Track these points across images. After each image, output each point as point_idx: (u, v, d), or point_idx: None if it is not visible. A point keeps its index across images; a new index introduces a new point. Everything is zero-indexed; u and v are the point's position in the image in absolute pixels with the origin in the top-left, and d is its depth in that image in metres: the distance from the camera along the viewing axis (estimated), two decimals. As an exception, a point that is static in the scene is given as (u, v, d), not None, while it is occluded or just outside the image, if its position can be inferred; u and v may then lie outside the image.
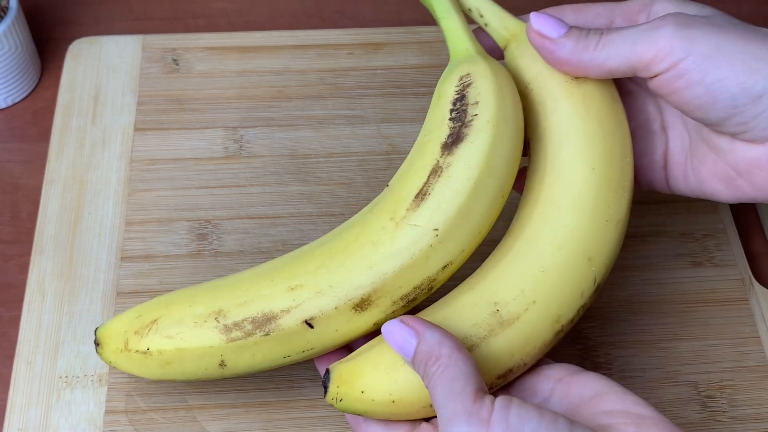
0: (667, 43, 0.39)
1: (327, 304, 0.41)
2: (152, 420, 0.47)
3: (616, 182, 0.42)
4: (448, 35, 0.46)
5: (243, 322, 0.42)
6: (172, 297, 0.44)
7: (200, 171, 0.56)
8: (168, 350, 0.42)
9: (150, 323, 0.43)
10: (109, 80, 0.60)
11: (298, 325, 0.41)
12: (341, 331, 0.42)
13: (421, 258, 0.41)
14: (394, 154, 0.58)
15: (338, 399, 0.40)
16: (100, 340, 0.45)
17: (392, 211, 0.42)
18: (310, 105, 0.60)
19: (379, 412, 0.40)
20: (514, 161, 0.43)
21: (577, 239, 0.41)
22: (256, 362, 0.42)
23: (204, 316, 0.42)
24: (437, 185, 0.41)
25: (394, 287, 0.41)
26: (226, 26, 0.66)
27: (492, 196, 0.42)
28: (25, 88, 0.61)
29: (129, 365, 0.44)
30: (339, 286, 0.41)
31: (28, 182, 0.57)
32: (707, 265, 0.54)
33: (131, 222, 0.54)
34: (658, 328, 0.51)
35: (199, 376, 0.44)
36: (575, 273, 0.41)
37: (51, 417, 0.47)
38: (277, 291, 0.42)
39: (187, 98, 0.60)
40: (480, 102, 0.42)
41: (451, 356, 0.36)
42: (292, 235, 0.54)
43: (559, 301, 0.40)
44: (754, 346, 0.51)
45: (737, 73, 0.39)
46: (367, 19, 0.66)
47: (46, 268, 0.52)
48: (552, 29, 0.41)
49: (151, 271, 0.52)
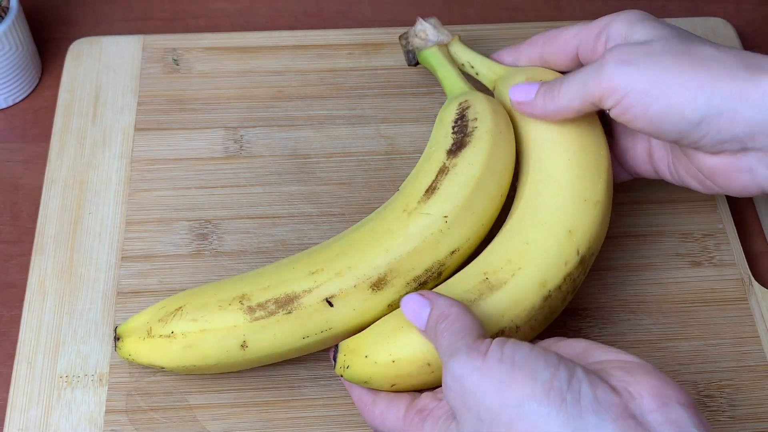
0: (609, 83, 0.43)
1: (346, 283, 0.45)
2: (152, 419, 0.47)
3: (591, 169, 0.47)
4: (446, 82, 0.54)
5: (266, 303, 0.45)
6: (196, 289, 0.47)
7: (200, 171, 0.56)
8: (192, 332, 0.45)
9: (175, 311, 0.45)
10: (110, 80, 0.60)
11: (319, 303, 0.45)
12: (358, 310, 0.45)
13: (432, 241, 0.46)
14: (394, 154, 0.58)
15: (345, 366, 0.44)
16: (120, 335, 0.47)
17: (405, 205, 0.47)
18: (310, 105, 0.60)
19: (382, 374, 0.43)
20: (509, 167, 0.49)
21: (557, 217, 0.46)
22: (276, 342, 0.45)
23: (228, 300, 0.45)
24: (444, 181, 0.47)
25: (408, 268, 0.45)
26: (227, 26, 0.66)
27: (492, 193, 0.47)
28: (25, 88, 0.61)
29: (150, 352, 0.45)
30: (357, 267, 0.45)
31: (29, 182, 0.57)
32: (707, 265, 0.54)
33: (131, 222, 0.54)
34: (657, 327, 0.51)
35: (220, 360, 0.45)
36: (557, 244, 0.46)
37: (51, 416, 0.47)
38: (298, 275, 0.45)
39: (187, 98, 0.60)
40: (478, 118, 0.49)
41: (458, 314, 0.41)
42: (292, 235, 0.54)
43: (543, 268, 0.45)
44: (754, 346, 0.51)
45: (674, 105, 0.42)
46: (367, 19, 0.66)
47: (46, 267, 0.52)
48: (525, 95, 0.48)
49: (152, 270, 0.52)
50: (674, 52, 0.43)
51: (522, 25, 0.64)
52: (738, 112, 0.41)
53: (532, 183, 0.48)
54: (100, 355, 0.49)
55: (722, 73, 0.42)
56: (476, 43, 0.63)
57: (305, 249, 0.53)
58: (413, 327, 0.43)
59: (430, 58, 0.55)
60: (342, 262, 0.45)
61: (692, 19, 0.65)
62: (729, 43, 0.63)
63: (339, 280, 0.45)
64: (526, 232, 0.46)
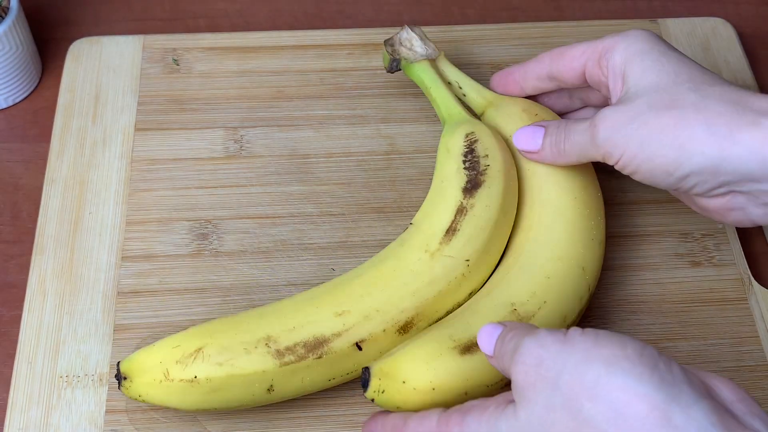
0: (604, 150, 0.46)
1: (376, 327, 0.45)
2: (153, 419, 0.47)
3: (594, 209, 0.50)
4: (440, 102, 0.54)
5: (295, 346, 0.44)
6: (210, 327, 0.45)
7: (200, 171, 0.56)
8: (218, 377, 0.43)
9: (194, 352, 0.43)
10: (110, 80, 0.60)
11: (348, 347, 0.45)
12: (384, 351, 0.45)
13: (455, 284, 0.47)
14: (394, 154, 0.58)
15: (380, 391, 0.43)
16: (127, 373, 0.44)
17: (425, 245, 0.47)
18: (310, 105, 0.60)
19: (418, 401, 0.43)
20: (515, 205, 0.50)
21: (572, 253, 0.48)
22: (304, 385, 0.45)
23: (253, 343, 0.44)
24: (464, 222, 0.48)
25: (432, 311, 0.46)
26: (227, 26, 0.66)
27: (504, 233, 0.49)
28: (25, 88, 0.61)
29: (166, 396, 0.43)
30: (385, 311, 0.45)
31: (29, 182, 0.57)
32: (706, 265, 0.54)
33: (132, 222, 0.54)
34: (657, 327, 0.51)
35: (244, 402, 0.44)
36: (574, 280, 0.47)
37: (52, 416, 0.47)
38: (324, 316, 0.45)
39: (187, 98, 0.60)
40: (489, 155, 0.50)
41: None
42: (292, 235, 0.54)
43: (564, 302, 0.46)
44: (753, 346, 0.51)
45: (659, 165, 0.44)
46: (367, 19, 0.66)
47: (46, 267, 0.52)
48: (532, 144, 0.50)
49: (152, 270, 0.52)
50: (658, 110, 0.45)
51: (522, 25, 0.64)
52: (720, 167, 0.43)
53: (540, 216, 0.49)
54: (100, 355, 0.49)
55: (704, 131, 0.43)
56: (476, 43, 0.63)
57: (305, 249, 0.53)
58: (452, 353, 0.43)
59: (422, 74, 0.55)
60: (369, 304, 0.45)
61: (692, 19, 0.65)
62: (729, 44, 0.63)
63: (368, 324, 0.45)
64: (545, 266, 0.47)
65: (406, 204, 0.55)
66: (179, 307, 0.51)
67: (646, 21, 0.64)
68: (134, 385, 0.44)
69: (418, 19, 0.66)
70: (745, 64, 0.62)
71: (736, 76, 0.62)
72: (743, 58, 0.63)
